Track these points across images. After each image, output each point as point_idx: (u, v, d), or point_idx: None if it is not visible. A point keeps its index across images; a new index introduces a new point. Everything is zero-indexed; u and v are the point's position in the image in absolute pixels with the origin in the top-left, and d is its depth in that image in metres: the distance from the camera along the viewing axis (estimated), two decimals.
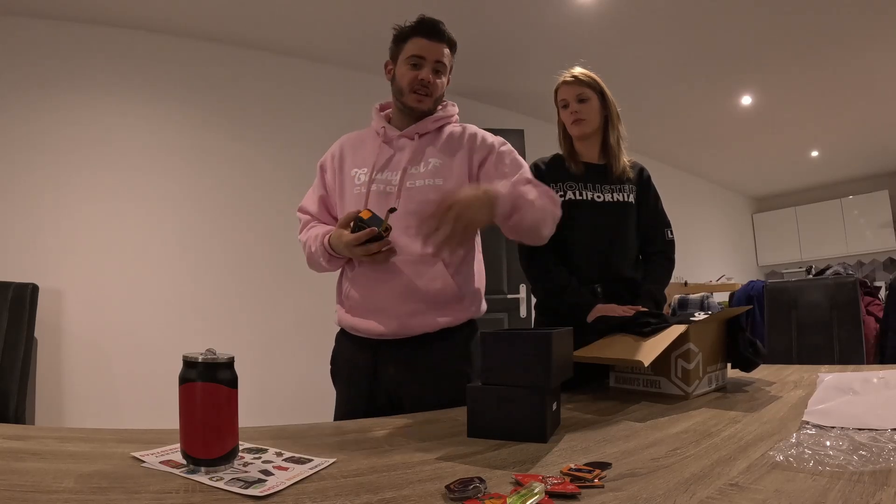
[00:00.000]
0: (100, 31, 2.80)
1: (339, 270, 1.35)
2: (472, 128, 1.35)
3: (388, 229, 1.14)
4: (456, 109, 1.37)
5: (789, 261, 6.96)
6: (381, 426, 0.91)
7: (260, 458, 0.68)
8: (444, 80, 1.30)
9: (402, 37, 1.28)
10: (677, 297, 3.88)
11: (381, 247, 1.15)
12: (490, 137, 1.33)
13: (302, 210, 1.38)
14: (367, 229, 1.12)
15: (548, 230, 1.21)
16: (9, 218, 2.53)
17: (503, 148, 1.30)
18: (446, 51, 1.28)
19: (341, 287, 1.31)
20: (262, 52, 3.23)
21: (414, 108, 1.28)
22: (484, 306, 1.33)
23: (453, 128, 1.34)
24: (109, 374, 2.64)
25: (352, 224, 1.16)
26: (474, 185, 1.16)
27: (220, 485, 0.57)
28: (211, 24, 2.93)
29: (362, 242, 1.13)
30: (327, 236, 1.24)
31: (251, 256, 3.07)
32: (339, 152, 1.34)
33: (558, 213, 1.24)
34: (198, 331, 2.85)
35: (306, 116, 3.32)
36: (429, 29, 1.26)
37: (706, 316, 1.20)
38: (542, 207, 1.16)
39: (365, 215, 1.13)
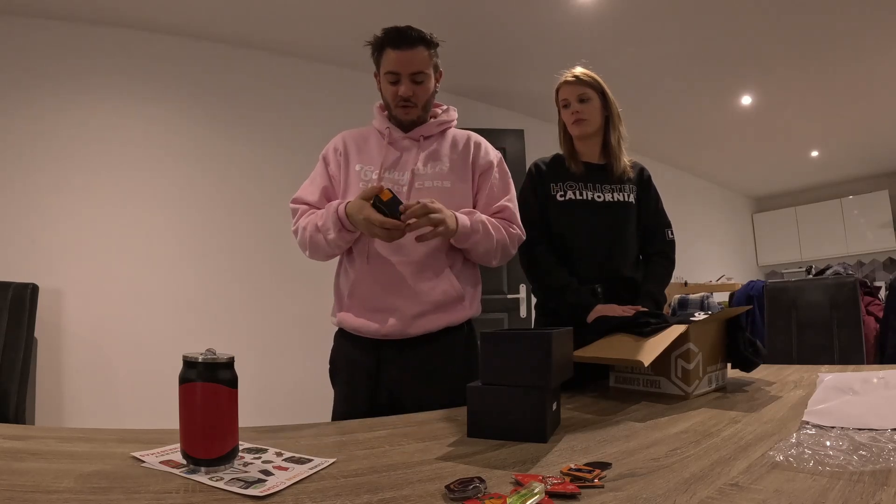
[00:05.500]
0: (100, 31, 2.80)
1: (336, 270, 1.34)
2: (475, 136, 1.38)
3: (404, 212, 1.12)
4: (456, 115, 1.40)
5: (789, 261, 6.96)
6: (381, 426, 0.91)
7: (260, 458, 0.68)
8: (430, 83, 1.29)
9: (375, 49, 1.28)
10: (677, 297, 3.88)
11: (401, 229, 1.12)
12: (492, 152, 1.37)
13: (297, 201, 1.33)
14: (395, 222, 1.10)
15: (496, 262, 1.32)
16: (9, 218, 2.53)
17: (499, 167, 1.36)
18: (423, 54, 1.24)
19: (341, 288, 1.31)
20: (263, 52, 3.23)
21: (404, 120, 1.30)
22: (480, 307, 1.34)
23: (456, 132, 1.37)
24: (109, 374, 2.64)
25: (372, 202, 1.12)
26: (452, 212, 1.18)
27: (220, 485, 0.57)
28: (211, 24, 2.93)
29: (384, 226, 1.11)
30: (342, 205, 1.19)
31: (251, 256, 3.07)
32: (343, 146, 1.34)
33: (512, 251, 1.33)
34: (198, 331, 2.85)
35: (306, 116, 3.32)
36: (397, 39, 1.23)
37: (706, 316, 1.20)
38: (496, 243, 1.26)
39: (385, 196, 1.11)
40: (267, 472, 0.61)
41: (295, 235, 1.31)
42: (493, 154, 1.36)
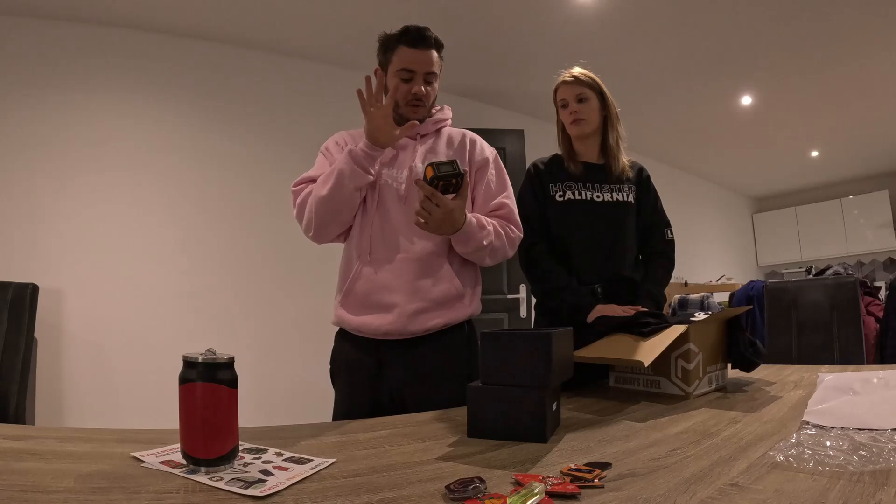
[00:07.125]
0: (100, 31, 2.80)
1: (338, 269, 1.34)
2: (470, 134, 1.39)
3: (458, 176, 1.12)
4: (450, 113, 1.41)
5: (789, 261, 6.96)
6: (382, 426, 0.91)
7: (260, 458, 0.68)
8: (436, 85, 1.32)
9: (388, 46, 1.28)
10: (677, 297, 3.88)
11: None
12: (487, 149, 1.38)
13: (300, 182, 1.31)
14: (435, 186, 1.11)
15: (489, 262, 1.31)
16: (9, 218, 2.53)
17: (495, 165, 1.36)
18: (435, 56, 1.28)
19: (341, 285, 1.31)
20: (263, 52, 3.23)
21: (410, 119, 1.30)
22: (480, 306, 1.35)
23: (451, 130, 1.38)
24: (109, 374, 2.64)
25: (433, 171, 1.11)
26: (461, 205, 1.16)
27: (220, 485, 0.57)
28: (211, 23, 2.93)
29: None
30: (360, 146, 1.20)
31: (251, 256, 3.07)
32: (343, 142, 1.35)
33: (510, 253, 1.32)
34: (198, 330, 2.85)
35: (305, 116, 3.32)
36: (415, 38, 1.25)
37: (706, 316, 1.20)
38: (490, 246, 1.24)
39: (429, 173, 1.11)
40: (267, 472, 0.61)
41: (300, 214, 1.28)
42: (489, 151, 1.38)
